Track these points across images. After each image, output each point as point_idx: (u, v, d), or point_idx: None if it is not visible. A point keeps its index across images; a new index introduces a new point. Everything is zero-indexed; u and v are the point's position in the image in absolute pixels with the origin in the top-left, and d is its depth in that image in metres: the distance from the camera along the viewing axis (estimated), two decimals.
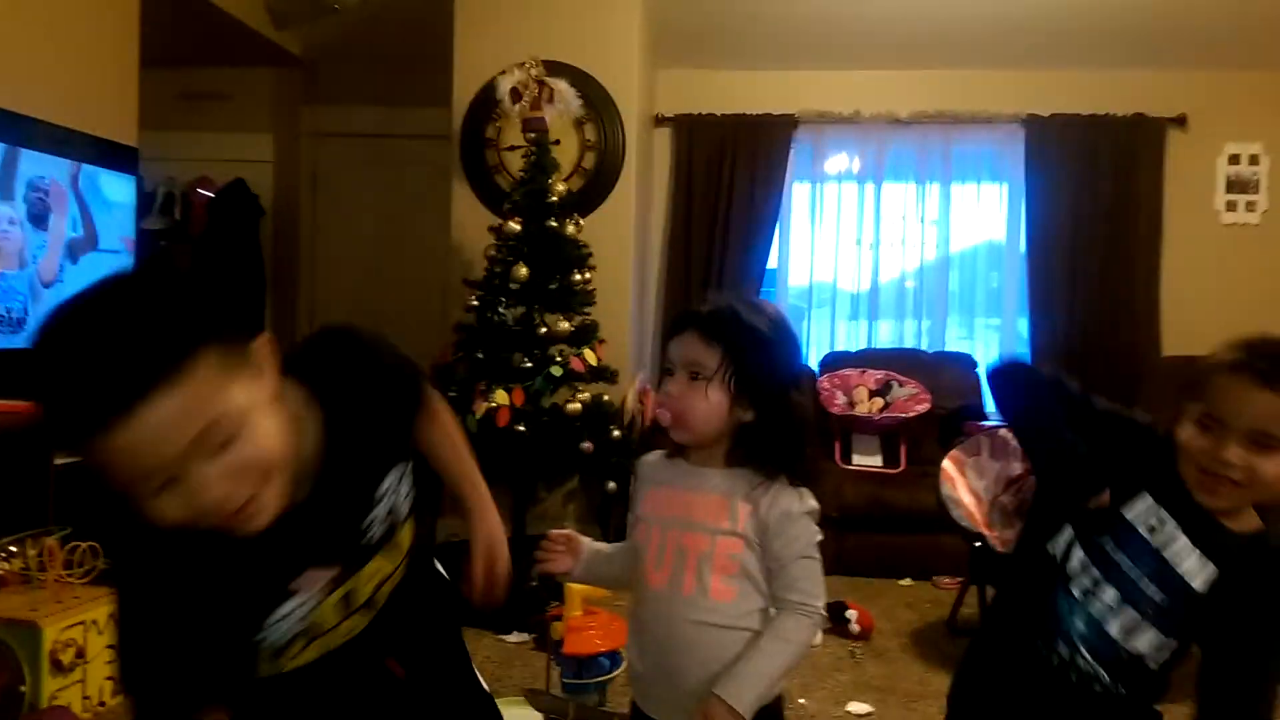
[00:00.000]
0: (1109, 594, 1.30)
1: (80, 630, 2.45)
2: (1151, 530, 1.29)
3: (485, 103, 4.42)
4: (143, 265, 0.81)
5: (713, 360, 1.29)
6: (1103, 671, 1.31)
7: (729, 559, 1.31)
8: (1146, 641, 1.29)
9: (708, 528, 1.32)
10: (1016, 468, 3.20)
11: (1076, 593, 1.32)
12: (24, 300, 2.99)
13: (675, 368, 1.33)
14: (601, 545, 1.46)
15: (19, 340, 2.92)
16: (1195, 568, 1.27)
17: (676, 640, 1.32)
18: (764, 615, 1.34)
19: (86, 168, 3.32)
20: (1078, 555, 1.32)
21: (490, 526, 1.31)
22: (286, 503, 0.99)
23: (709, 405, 1.30)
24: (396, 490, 1.15)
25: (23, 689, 2.30)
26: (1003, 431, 3.31)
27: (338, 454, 1.06)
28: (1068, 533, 1.34)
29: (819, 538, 1.35)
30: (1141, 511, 1.30)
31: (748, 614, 1.32)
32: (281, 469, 0.97)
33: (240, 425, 0.91)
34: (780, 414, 1.33)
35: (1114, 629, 1.29)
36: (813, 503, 1.35)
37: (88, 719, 2.46)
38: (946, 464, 3.30)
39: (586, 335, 3.85)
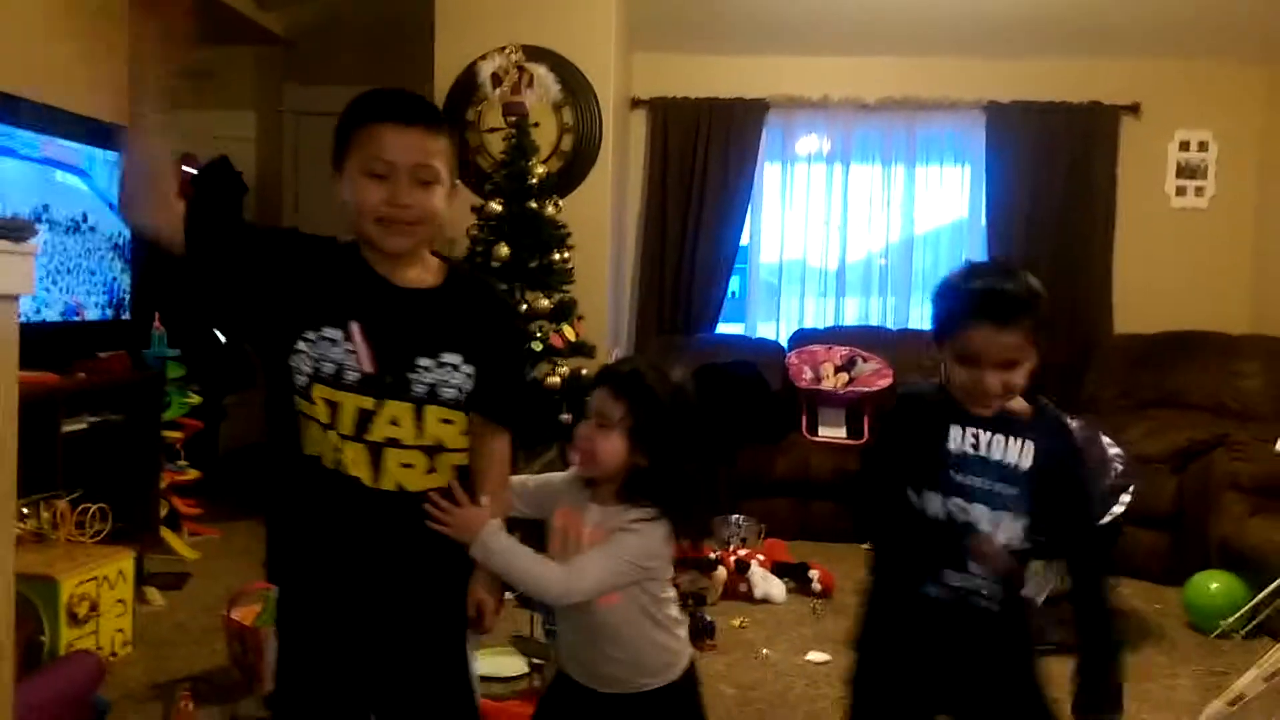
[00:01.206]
0: (978, 509, 1.54)
1: (93, 585, 2.63)
2: (975, 446, 1.56)
3: (466, 86, 4.56)
4: None
5: (616, 412, 1.53)
6: (984, 580, 1.55)
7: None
8: (1013, 530, 1.55)
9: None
10: None
11: (958, 522, 1.55)
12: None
13: (590, 414, 1.57)
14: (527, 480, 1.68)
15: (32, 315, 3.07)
16: (1017, 451, 1.55)
17: (584, 633, 1.57)
18: (647, 611, 1.56)
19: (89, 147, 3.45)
20: (936, 499, 1.56)
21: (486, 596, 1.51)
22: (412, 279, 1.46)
23: (611, 449, 1.53)
24: (453, 372, 1.45)
25: (42, 639, 2.48)
26: None
27: (445, 296, 1.49)
28: (928, 495, 1.57)
29: (629, 556, 1.51)
30: (959, 438, 1.56)
31: (634, 614, 1.54)
32: (428, 231, 1.45)
33: (437, 183, 1.42)
34: (669, 465, 1.55)
35: (995, 534, 1.54)
36: (653, 536, 1.52)
37: None
38: None
39: (565, 312, 4.03)
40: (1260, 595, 2.99)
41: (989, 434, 1.55)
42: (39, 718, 2.03)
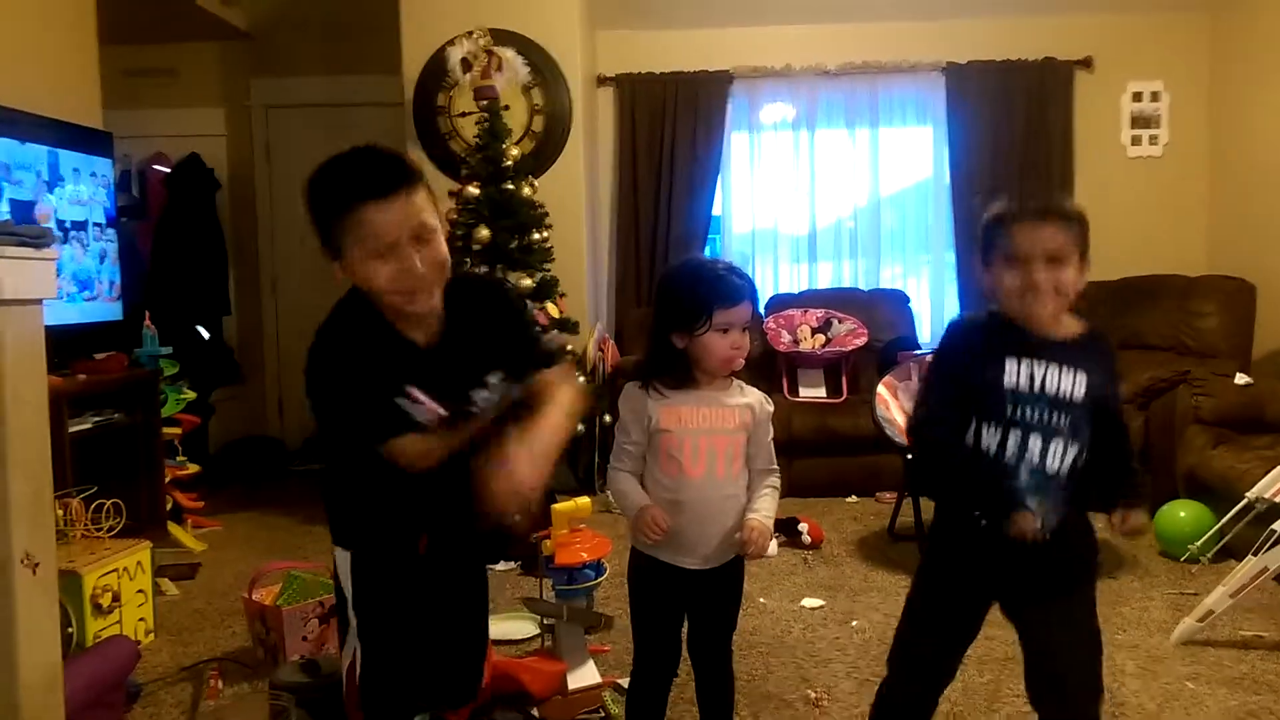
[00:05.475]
0: (1036, 442, 1.62)
1: (114, 577, 2.71)
2: (1032, 379, 1.62)
3: (435, 71, 4.61)
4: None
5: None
6: (1038, 505, 1.62)
7: (741, 449, 1.86)
8: (1070, 458, 1.63)
9: (728, 430, 1.83)
10: None
11: (1014, 456, 1.62)
12: None
13: (735, 326, 1.78)
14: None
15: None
16: (1070, 383, 1.62)
17: (705, 517, 1.82)
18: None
19: (63, 153, 3.49)
20: (996, 436, 1.63)
21: (517, 461, 1.53)
22: (433, 326, 1.62)
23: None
24: (499, 391, 1.67)
25: (70, 630, 2.56)
26: (929, 357, 3.67)
27: (455, 325, 1.63)
28: (986, 428, 1.64)
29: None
30: (1015, 373, 1.63)
31: (744, 486, 1.87)
32: (443, 276, 1.57)
33: (435, 233, 1.53)
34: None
35: (1050, 462, 1.62)
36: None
37: None
38: (881, 389, 3.66)
39: (548, 290, 4.12)
40: (1223, 520, 3.16)
41: (1044, 365, 1.62)
42: (76, 701, 2.12)
